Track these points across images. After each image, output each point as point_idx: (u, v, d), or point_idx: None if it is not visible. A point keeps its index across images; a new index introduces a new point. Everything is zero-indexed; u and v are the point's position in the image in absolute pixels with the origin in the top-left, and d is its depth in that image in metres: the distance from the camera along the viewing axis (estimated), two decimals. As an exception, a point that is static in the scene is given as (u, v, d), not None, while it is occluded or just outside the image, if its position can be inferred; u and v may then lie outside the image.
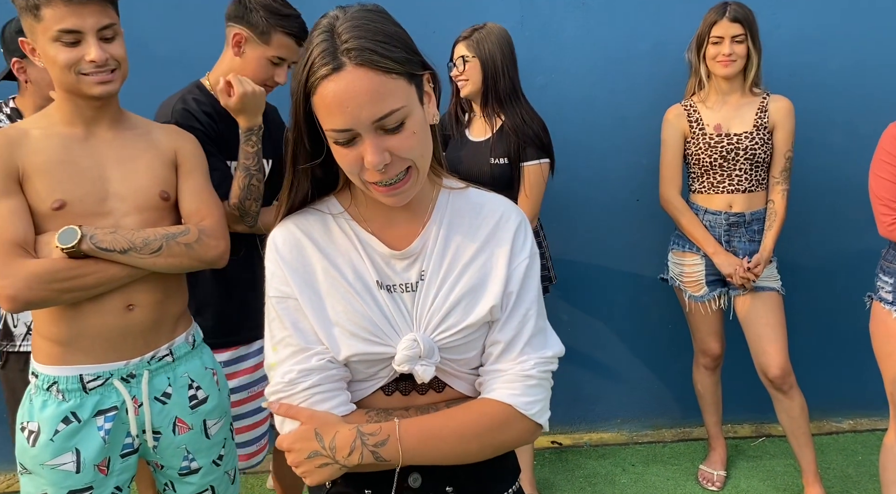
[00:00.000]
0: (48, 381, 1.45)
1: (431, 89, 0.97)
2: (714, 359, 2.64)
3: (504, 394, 0.97)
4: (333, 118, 0.87)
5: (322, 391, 0.96)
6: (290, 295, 0.98)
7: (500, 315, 1.00)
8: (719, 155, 2.40)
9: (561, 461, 2.92)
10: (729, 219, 2.44)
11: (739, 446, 2.98)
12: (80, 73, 1.37)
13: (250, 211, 1.82)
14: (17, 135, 1.40)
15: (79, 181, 1.41)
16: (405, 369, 0.96)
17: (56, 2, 1.32)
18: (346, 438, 0.93)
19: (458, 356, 1.00)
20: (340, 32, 0.87)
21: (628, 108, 2.85)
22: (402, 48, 0.89)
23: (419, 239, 1.01)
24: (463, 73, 2.26)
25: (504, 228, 1.02)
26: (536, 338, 1.01)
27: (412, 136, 0.90)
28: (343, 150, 0.90)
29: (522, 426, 0.98)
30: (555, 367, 1.02)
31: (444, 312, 0.98)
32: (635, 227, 2.94)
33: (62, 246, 1.34)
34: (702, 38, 2.40)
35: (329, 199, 1.05)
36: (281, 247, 1.01)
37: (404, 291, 0.99)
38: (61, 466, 1.44)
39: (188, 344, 1.61)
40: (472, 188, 1.07)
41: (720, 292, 2.51)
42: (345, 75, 0.85)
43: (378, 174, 0.90)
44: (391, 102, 0.87)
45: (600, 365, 3.06)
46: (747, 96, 2.43)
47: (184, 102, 1.84)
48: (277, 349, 0.99)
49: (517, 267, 1.01)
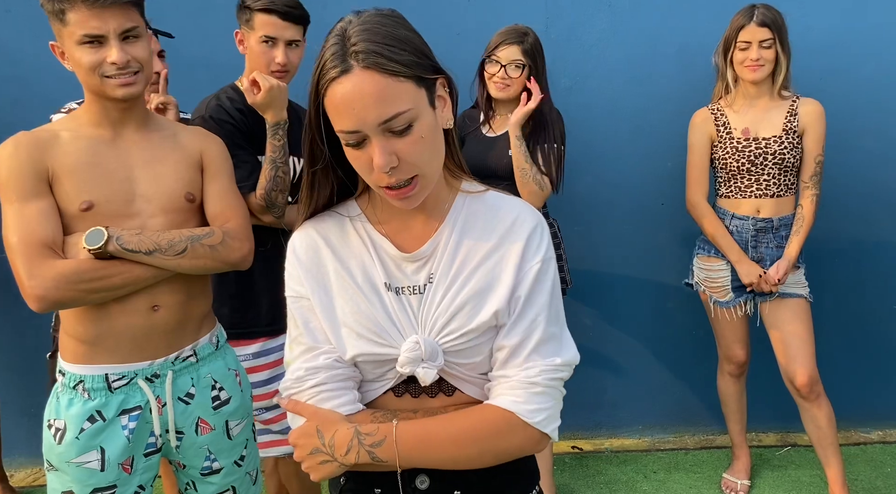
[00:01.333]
0: (75, 380, 1.47)
1: (447, 94, 0.97)
2: (739, 366, 2.60)
3: (506, 401, 0.96)
4: (342, 120, 0.88)
5: (327, 389, 0.98)
6: (303, 296, 1.01)
7: (507, 319, 0.98)
8: (747, 159, 2.37)
9: (581, 466, 2.90)
10: (756, 224, 2.40)
11: (764, 455, 2.93)
12: (103, 76, 1.38)
13: (277, 202, 1.87)
14: (46, 137, 1.42)
15: (106, 182, 1.43)
16: (407, 371, 0.96)
17: (79, 6, 1.34)
18: (344, 437, 0.94)
19: (465, 360, 1.00)
20: (350, 36, 0.88)
21: (653, 111, 2.83)
22: (411, 52, 0.89)
23: (430, 241, 1.01)
24: (510, 78, 2.25)
25: (518, 231, 1.01)
26: (546, 345, 0.98)
27: (420, 141, 0.90)
28: (354, 152, 0.91)
29: (525, 434, 0.96)
30: (565, 375, 1.00)
31: (448, 315, 0.98)
32: (660, 231, 2.92)
33: (89, 246, 1.36)
34: (729, 42, 2.37)
35: (349, 202, 1.07)
36: (298, 248, 1.03)
37: (411, 293, 0.99)
38: (86, 464, 1.45)
39: (212, 344, 1.62)
40: (491, 191, 1.06)
41: (746, 298, 2.47)
42: (352, 77, 0.86)
43: (386, 177, 0.90)
44: (397, 105, 0.87)
45: (622, 371, 3.03)
46: (776, 100, 2.39)
47: (218, 99, 1.95)
48: (291, 347, 1.02)
49: (528, 270, 0.99)
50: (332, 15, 1.01)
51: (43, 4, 1.38)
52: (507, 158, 2.27)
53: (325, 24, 1.02)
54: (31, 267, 1.33)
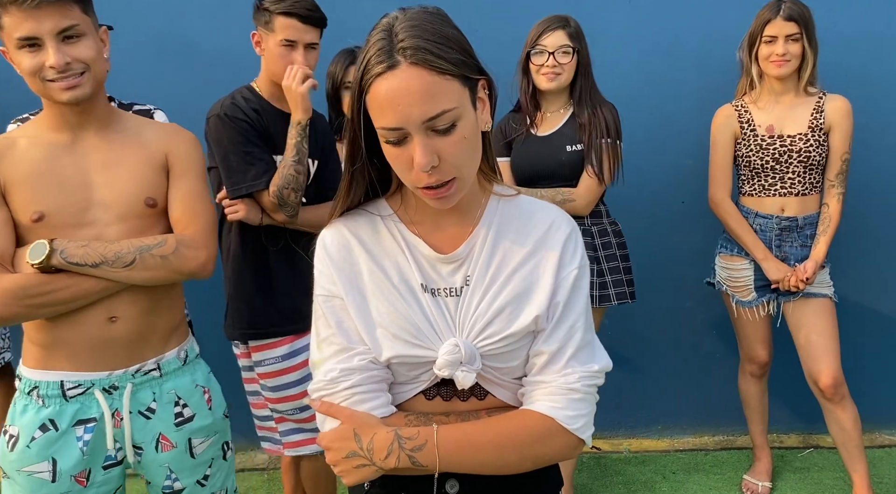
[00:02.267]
0: (30, 385, 1.41)
1: (486, 96, 0.95)
2: (761, 367, 2.56)
3: (546, 407, 0.95)
4: (385, 116, 0.87)
5: (363, 391, 0.96)
6: (335, 295, 0.99)
7: (546, 325, 0.98)
8: (771, 157, 2.33)
9: (599, 466, 2.87)
10: (780, 223, 2.36)
11: (786, 456, 2.89)
12: (45, 80, 1.31)
13: (289, 200, 1.86)
14: (3, 145, 1.36)
15: (60, 191, 1.36)
16: (445, 374, 0.95)
17: (12, 8, 1.26)
18: (384, 441, 0.92)
19: (501, 364, 0.99)
20: (398, 32, 0.87)
21: (674, 108, 2.80)
22: (457, 50, 0.88)
23: (466, 243, 1.00)
24: (560, 65, 2.21)
25: (554, 236, 1.00)
26: (583, 351, 0.98)
27: (462, 141, 0.89)
28: (394, 150, 0.90)
29: (564, 440, 0.96)
30: (600, 382, 1.00)
31: (487, 319, 0.96)
32: (680, 230, 2.89)
33: (32, 261, 1.30)
34: (754, 36, 2.32)
35: (379, 202, 1.05)
36: (329, 246, 1.01)
37: (448, 295, 0.98)
38: (37, 474, 1.40)
39: (179, 359, 1.53)
40: (522, 196, 1.06)
41: (769, 298, 2.43)
42: (398, 73, 0.85)
43: (425, 176, 0.89)
44: (443, 102, 0.86)
45: (641, 370, 3.00)
46: (802, 96, 2.35)
47: (233, 98, 1.96)
48: (322, 347, 0.99)
49: (566, 276, 0.98)
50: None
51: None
52: (564, 156, 2.23)
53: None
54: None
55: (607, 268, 2.31)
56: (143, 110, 2.18)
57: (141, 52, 2.62)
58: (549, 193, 2.22)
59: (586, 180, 2.24)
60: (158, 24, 2.65)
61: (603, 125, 2.22)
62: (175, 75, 2.67)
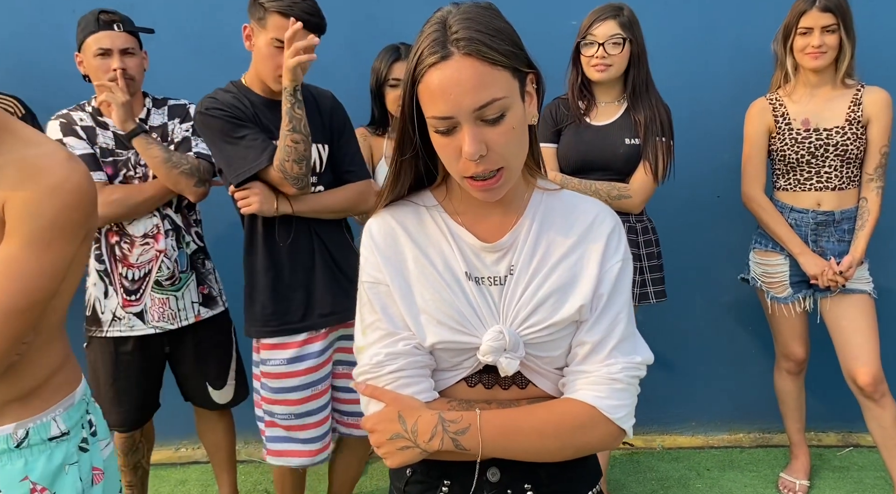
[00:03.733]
0: None
1: (534, 90, 0.97)
2: (798, 364, 2.53)
3: (588, 395, 0.96)
4: (436, 105, 0.89)
5: (407, 375, 0.99)
6: (381, 281, 1.01)
7: (589, 315, 0.99)
8: (807, 151, 2.29)
9: (632, 462, 2.87)
10: (817, 217, 2.33)
11: (824, 455, 2.84)
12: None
13: (291, 172, 1.81)
14: None
15: None
16: (489, 360, 0.97)
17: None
18: (429, 423, 0.94)
19: (543, 353, 1.00)
20: (451, 24, 0.90)
21: (708, 101, 2.76)
22: (509, 43, 0.91)
23: (511, 233, 1.01)
24: (610, 56, 2.15)
25: (598, 230, 1.02)
26: (625, 343, 1.00)
27: (511, 131, 0.91)
28: (442, 140, 0.92)
29: (605, 429, 0.97)
30: (642, 374, 1.00)
31: (531, 307, 0.98)
32: (715, 225, 2.85)
33: None
34: (789, 28, 2.28)
35: (424, 193, 1.08)
36: (376, 235, 1.04)
37: (492, 284, 1.00)
38: None
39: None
40: (565, 190, 1.07)
41: (805, 294, 2.40)
42: (451, 63, 0.88)
43: (472, 165, 0.91)
44: (493, 91, 0.88)
45: (675, 366, 2.98)
46: (839, 89, 2.30)
47: (212, 94, 1.92)
48: (367, 332, 1.02)
49: (610, 268, 1.00)
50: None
51: None
52: (622, 148, 2.20)
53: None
54: None
55: (647, 266, 2.30)
56: (178, 105, 2.24)
57: (177, 51, 2.68)
58: (604, 187, 2.19)
59: (642, 178, 2.20)
60: (195, 24, 2.71)
61: (659, 123, 2.19)
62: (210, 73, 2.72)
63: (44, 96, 2.62)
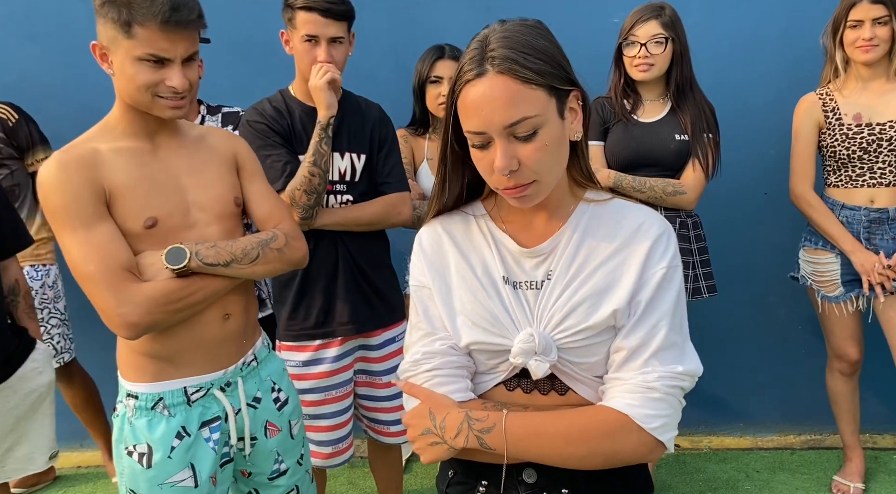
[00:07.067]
0: (152, 400, 1.40)
1: (579, 107, 0.98)
2: (851, 365, 2.46)
3: (621, 403, 0.94)
4: (471, 120, 0.93)
5: (442, 374, 1.02)
6: (424, 285, 1.07)
7: (626, 321, 0.97)
8: (859, 147, 2.24)
9: (679, 463, 2.84)
10: (870, 215, 2.27)
11: (880, 458, 2.76)
12: (156, 95, 1.31)
13: (299, 201, 1.82)
14: (89, 155, 1.31)
15: (163, 196, 1.36)
16: (519, 361, 0.98)
17: (151, 24, 1.25)
18: (455, 420, 0.97)
19: (579, 359, 1.00)
20: (490, 42, 0.92)
21: (755, 96, 2.71)
22: (546, 61, 0.92)
23: (551, 239, 1.03)
24: (652, 55, 2.15)
25: (643, 235, 1.00)
26: (666, 352, 0.96)
27: (543, 148, 0.92)
28: (479, 153, 0.96)
29: (638, 439, 0.93)
30: (686, 385, 0.97)
31: (565, 312, 0.99)
32: (762, 222, 2.80)
33: (172, 266, 1.30)
34: (838, 21, 2.23)
35: (475, 203, 1.12)
36: (424, 242, 1.09)
37: (528, 288, 1.02)
38: (181, 482, 1.40)
39: (265, 347, 1.60)
40: (616, 200, 1.06)
41: (858, 293, 2.34)
42: (485, 81, 0.90)
43: (505, 179, 0.94)
44: (524, 110, 0.90)
45: (722, 366, 2.94)
46: (893, 81, 2.23)
47: (259, 103, 1.95)
48: (412, 332, 1.08)
49: (652, 274, 0.98)
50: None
51: (103, 7, 1.27)
52: (673, 144, 2.20)
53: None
54: (120, 294, 1.25)
55: (699, 261, 2.30)
56: (231, 113, 2.30)
57: (225, 57, 2.74)
58: (659, 183, 2.19)
59: (694, 174, 2.20)
60: (241, 31, 2.78)
61: (705, 120, 2.20)
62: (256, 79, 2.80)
63: (99, 101, 2.72)
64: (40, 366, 1.90)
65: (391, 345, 2.09)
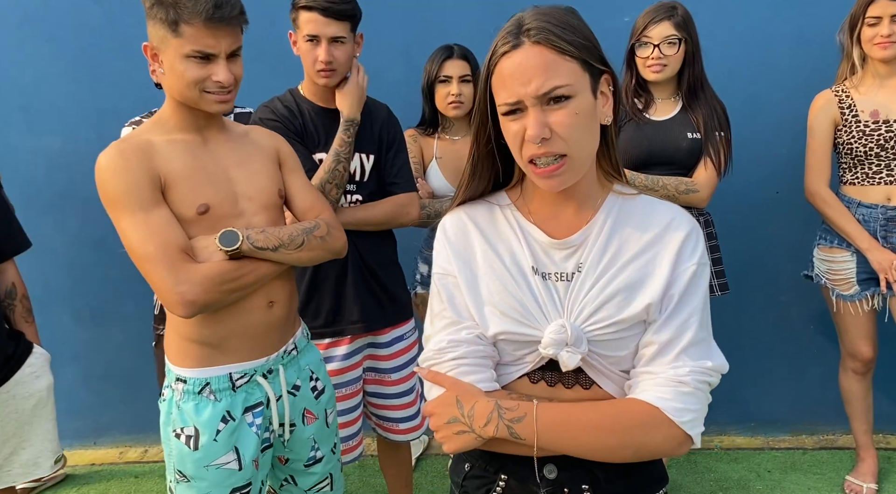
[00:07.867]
0: (199, 384, 1.46)
1: (610, 92, 0.99)
2: (865, 364, 2.44)
3: (652, 396, 0.94)
4: (505, 90, 0.93)
5: (468, 363, 1.00)
6: (449, 273, 1.05)
7: (658, 316, 0.97)
8: (876, 144, 2.22)
9: (689, 463, 2.82)
10: (886, 213, 2.25)
11: (893, 458, 2.74)
12: (203, 91, 1.38)
13: (330, 195, 1.84)
14: (145, 145, 1.39)
15: (214, 184, 1.43)
16: (550, 352, 0.97)
17: (197, 21, 1.32)
18: (485, 408, 0.95)
19: (608, 352, 0.99)
20: (526, 19, 0.94)
21: (768, 94, 2.69)
22: (580, 37, 0.93)
23: (582, 231, 1.02)
24: (665, 56, 2.15)
25: (674, 232, 1.00)
26: (696, 347, 0.97)
27: (574, 116, 0.92)
28: (509, 124, 0.95)
29: (668, 432, 0.93)
30: (714, 381, 0.98)
31: (597, 304, 0.98)
32: (774, 221, 2.79)
33: (226, 248, 1.37)
34: (856, 18, 2.21)
35: (500, 193, 1.11)
36: (449, 229, 1.08)
37: (559, 280, 1.01)
38: (226, 465, 1.47)
39: (304, 337, 1.66)
40: (643, 195, 1.06)
41: (874, 291, 2.32)
42: (521, 51, 0.92)
43: (535, 147, 0.93)
44: (559, 79, 0.91)
45: (733, 365, 2.83)
46: (910, 78, 2.22)
47: (269, 102, 1.97)
48: (434, 321, 1.05)
49: (684, 271, 0.98)
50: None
51: (153, 9, 1.35)
52: (685, 142, 2.19)
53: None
54: (178, 273, 1.32)
55: (711, 259, 2.30)
56: (244, 113, 2.30)
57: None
58: (671, 182, 2.17)
59: (707, 172, 2.19)
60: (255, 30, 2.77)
61: (716, 119, 2.19)
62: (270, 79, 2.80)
63: (114, 103, 2.73)
64: (38, 370, 1.92)
65: (399, 343, 2.09)
